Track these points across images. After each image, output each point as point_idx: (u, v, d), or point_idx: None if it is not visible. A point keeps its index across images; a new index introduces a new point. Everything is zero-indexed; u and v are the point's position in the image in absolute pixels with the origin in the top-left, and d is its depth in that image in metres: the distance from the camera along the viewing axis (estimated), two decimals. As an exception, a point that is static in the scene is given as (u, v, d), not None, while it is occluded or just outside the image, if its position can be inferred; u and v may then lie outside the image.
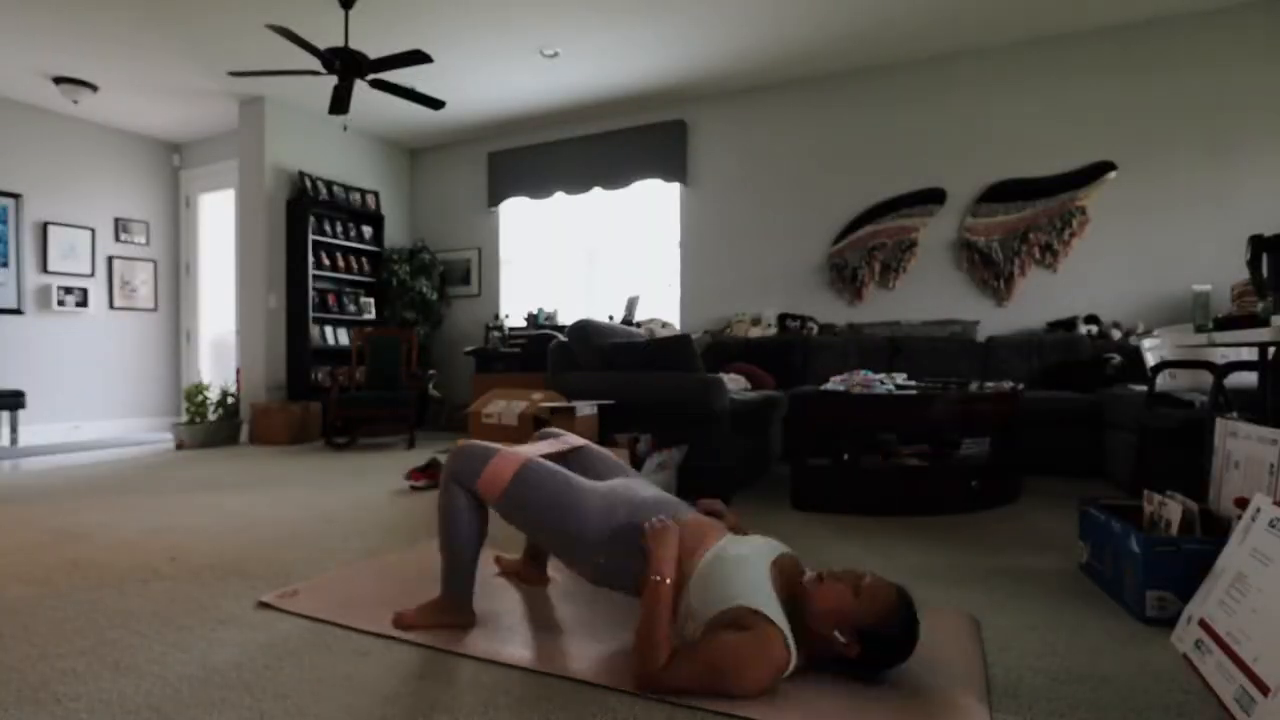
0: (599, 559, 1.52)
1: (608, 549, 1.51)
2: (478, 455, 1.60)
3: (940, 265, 5.06)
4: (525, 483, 1.57)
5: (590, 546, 1.52)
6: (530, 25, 4.55)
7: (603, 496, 1.58)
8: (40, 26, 4.49)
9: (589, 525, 1.52)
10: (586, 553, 1.53)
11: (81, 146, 6.15)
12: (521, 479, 1.57)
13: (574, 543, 1.54)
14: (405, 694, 1.31)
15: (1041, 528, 2.62)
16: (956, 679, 1.35)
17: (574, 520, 1.53)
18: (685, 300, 5.88)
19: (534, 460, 1.62)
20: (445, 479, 1.62)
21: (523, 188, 6.47)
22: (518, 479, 1.57)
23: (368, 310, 6.35)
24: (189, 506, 3.07)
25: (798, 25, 4.57)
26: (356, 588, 1.91)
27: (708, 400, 3.15)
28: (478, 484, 1.58)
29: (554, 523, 1.55)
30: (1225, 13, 4.34)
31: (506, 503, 1.58)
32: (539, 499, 1.56)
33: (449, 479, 1.61)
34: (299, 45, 3.81)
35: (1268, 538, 1.38)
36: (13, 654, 1.50)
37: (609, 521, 1.52)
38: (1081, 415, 3.81)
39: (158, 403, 6.73)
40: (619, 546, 1.49)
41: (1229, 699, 1.22)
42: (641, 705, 1.26)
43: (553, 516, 1.55)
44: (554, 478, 1.60)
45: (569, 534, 1.54)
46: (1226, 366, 2.45)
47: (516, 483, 1.56)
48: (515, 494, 1.56)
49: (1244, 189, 4.30)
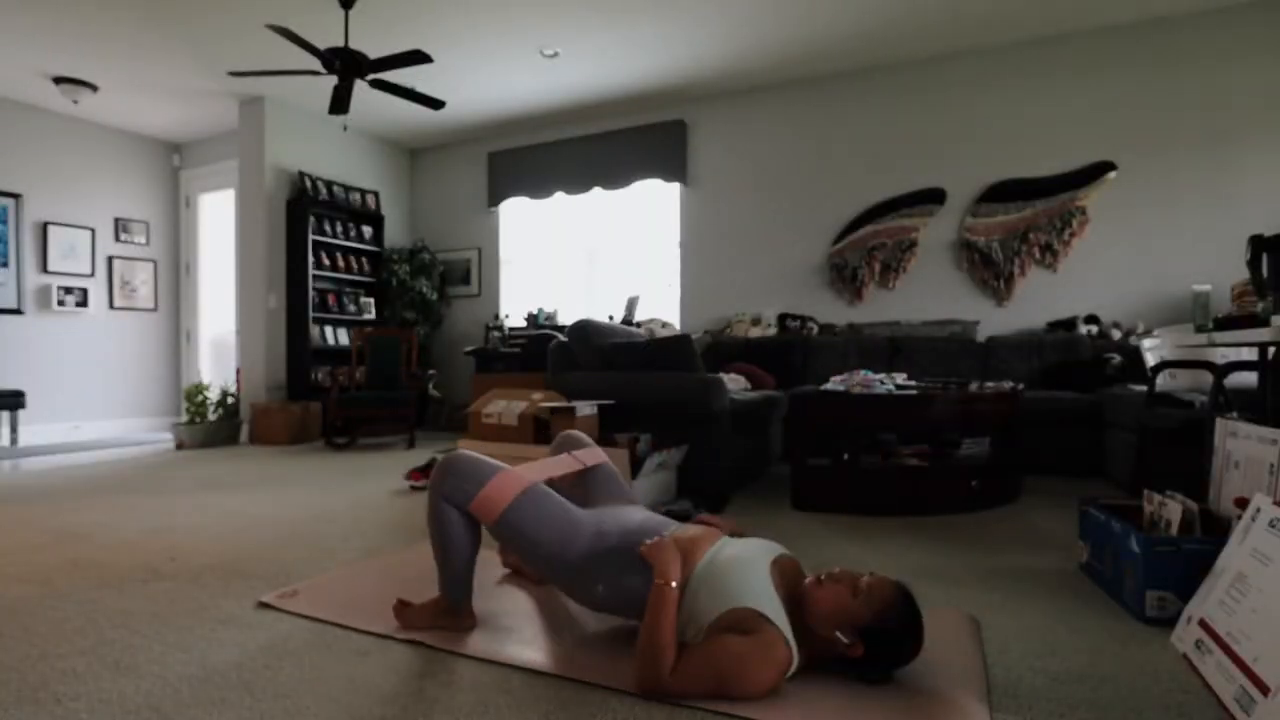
0: (598, 588, 1.50)
1: (605, 578, 1.48)
2: (470, 475, 1.53)
3: (940, 265, 5.06)
4: (523, 510, 1.51)
5: (588, 576, 1.50)
6: (530, 25, 4.55)
7: (595, 525, 1.55)
8: (40, 26, 4.49)
9: (585, 555, 1.50)
10: (585, 581, 1.51)
11: (81, 146, 6.15)
12: (521, 505, 1.51)
13: (573, 572, 1.51)
14: (405, 694, 1.31)
15: (1041, 528, 2.62)
16: (956, 679, 1.35)
17: (571, 549, 1.50)
18: (685, 300, 5.89)
19: (535, 486, 1.57)
20: (434, 496, 1.55)
21: (523, 188, 6.47)
22: (515, 506, 1.51)
23: (368, 310, 6.35)
24: (189, 506, 3.07)
25: (798, 25, 4.57)
26: (356, 588, 1.91)
27: (708, 400, 3.15)
28: (470, 507, 1.52)
29: (551, 552, 1.51)
30: (1225, 13, 4.34)
31: (501, 526, 1.52)
32: (536, 527, 1.51)
33: (438, 497, 1.54)
34: (299, 45, 3.81)
35: (1268, 538, 1.38)
36: (13, 654, 1.50)
37: (602, 547, 1.51)
38: (1081, 415, 3.81)
39: (158, 403, 6.73)
40: (612, 570, 1.47)
41: (1229, 699, 1.22)
42: (641, 705, 1.26)
43: (549, 546, 1.50)
44: (553, 506, 1.55)
45: (568, 564, 1.50)
46: (1226, 366, 2.45)
47: (514, 509, 1.50)
48: (512, 520, 1.51)
49: (1244, 189, 4.30)
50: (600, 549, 1.50)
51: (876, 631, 1.29)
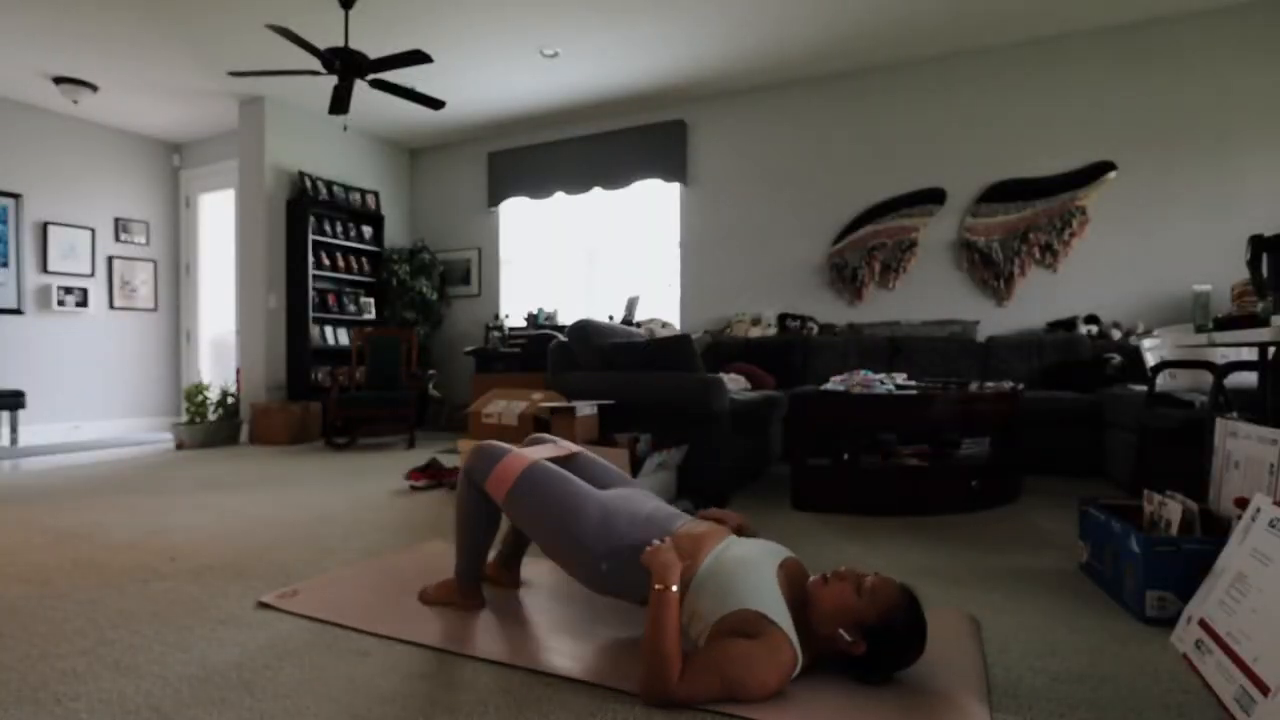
0: (601, 565, 1.52)
1: (609, 558, 1.51)
2: (490, 455, 1.69)
3: (940, 265, 5.06)
4: (529, 483, 1.62)
5: (591, 552, 1.53)
6: (530, 25, 4.55)
7: (602, 505, 1.59)
8: (40, 26, 4.49)
9: (588, 531, 1.54)
10: (587, 558, 1.53)
11: (81, 146, 6.15)
12: (527, 479, 1.63)
13: (575, 547, 1.55)
14: (405, 694, 1.31)
15: (1041, 528, 2.62)
16: (956, 679, 1.35)
17: (575, 525, 1.55)
18: (685, 300, 5.89)
19: (539, 463, 1.67)
20: (463, 475, 1.73)
21: (523, 188, 6.47)
22: (522, 479, 1.63)
23: (368, 310, 6.35)
24: (189, 506, 3.07)
25: (798, 25, 4.57)
26: (356, 588, 1.91)
27: (708, 400, 3.15)
28: (486, 484, 1.66)
29: (555, 524, 1.57)
30: (1225, 13, 4.34)
31: (510, 502, 1.64)
32: (540, 500, 1.61)
33: (466, 475, 1.71)
34: (299, 45, 3.81)
35: (1268, 538, 1.38)
36: (13, 654, 1.50)
37: (609, 529, 1.53)
38: (1081, 415, 3.81)
39: (158, 403, 6.73)
40: (620, 558, 1.49)
41: (1229, 699, 1.22)
42: (641, 705, 1.26)
43: (553, 519, 1.58)
44: (558, 481, 1.64)
45: (571, 537, 1.55)
46: (1226, 366, 2.45)
47: (520, 483, 1.62)
48: (519, 494, 1.62)
49: (1244, 189, 4.30)
50: (605, 531, 1.54)
51: (879, 631, 1.29)
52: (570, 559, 1.57)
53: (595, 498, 1.61)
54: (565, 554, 1.58)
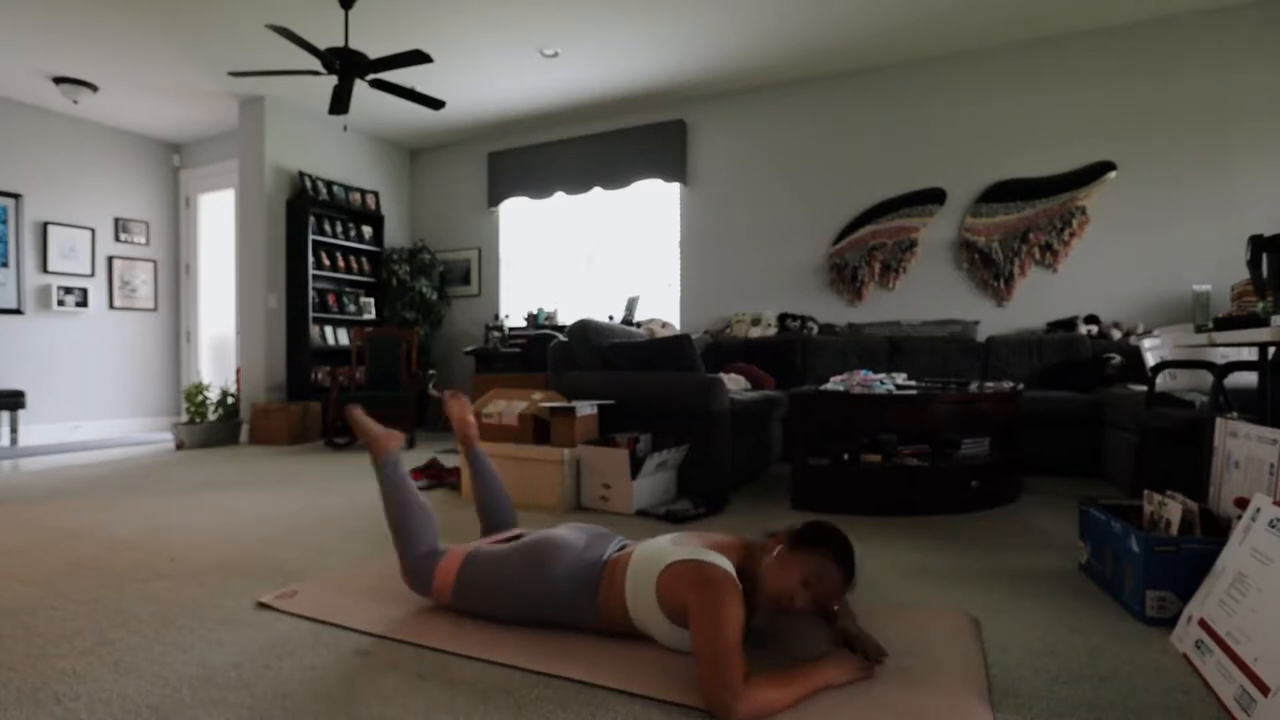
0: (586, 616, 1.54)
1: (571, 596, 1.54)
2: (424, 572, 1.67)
3: (940, 265, 5.06)
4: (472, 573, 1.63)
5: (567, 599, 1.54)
6: (530, 25, 4.55)
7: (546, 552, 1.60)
8: (40, 26, 4.48)
9: (556, 580, 1.55)
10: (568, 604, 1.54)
11: (81, 146, 6.15)
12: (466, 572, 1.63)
13: (549, 601, 1.55)
14: (405, 694, 1.31)
15: (1041, 528, 2.62)
16: (956, 679, 1.35)
17: (540, 582, 1.55)
18: (685, 300, 5.88)
19: (473, 551, 1.68)
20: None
21: (523, 188, 6.47)
22: (462, 574, 1.63)
23: (368, 310, 6.35)
24: (189, 506, 3.07)
25: (798, 25, 4.57)
26: (356, 588, 1.91)
27: (708, 400, 3.15)
28: (432, 596, 1.69)
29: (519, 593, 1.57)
30: (1225, 13, 4.34)
31: (459, 601, 1.64)
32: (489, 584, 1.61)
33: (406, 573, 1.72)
34: (299, 45, 3.81)
35: (1268, 538, 1.38)
36: (13, 654, 1.50)
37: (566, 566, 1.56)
38: (1081, 415, 3.81)
39: (158, 403, 6.73)
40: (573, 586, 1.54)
41: (1229, 699, 1.22)
42: (641, 705, 1.26)
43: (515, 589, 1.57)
44: (498, 557, 1.63)
45: (540, 595, 1.55)
46: (1226, 366, 2.45)
47: (462, 578, 1.63)
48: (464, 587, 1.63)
49: (1244, 189, 4.30)
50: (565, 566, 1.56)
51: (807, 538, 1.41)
52: (557, 614, 1.56)
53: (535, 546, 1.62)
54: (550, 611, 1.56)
